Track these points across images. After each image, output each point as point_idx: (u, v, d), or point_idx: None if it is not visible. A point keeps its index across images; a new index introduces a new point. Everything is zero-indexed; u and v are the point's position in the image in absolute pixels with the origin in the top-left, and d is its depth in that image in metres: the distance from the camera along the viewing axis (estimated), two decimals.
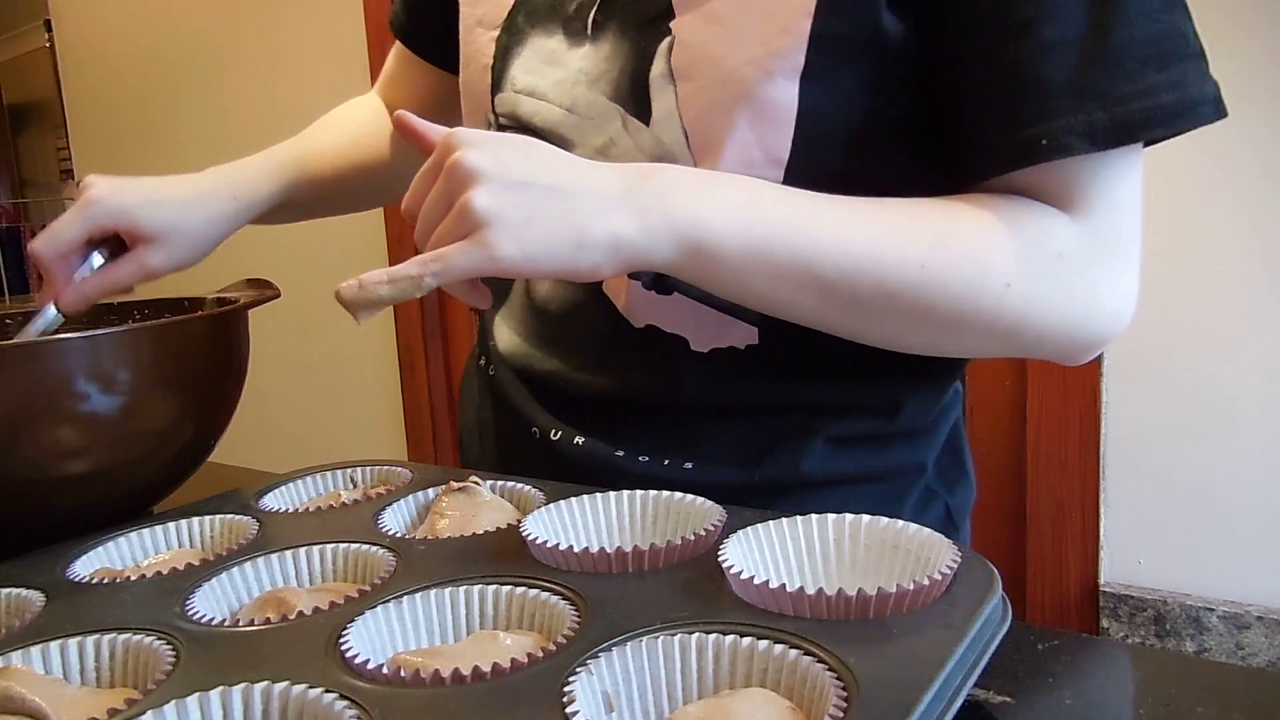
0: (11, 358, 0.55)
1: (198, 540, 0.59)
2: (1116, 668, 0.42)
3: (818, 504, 0.54)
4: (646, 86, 0.55)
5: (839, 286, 0.48)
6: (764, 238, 0.48)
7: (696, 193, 0.48)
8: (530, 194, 0.45)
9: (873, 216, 0.49)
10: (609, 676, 0.36)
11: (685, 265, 0.48)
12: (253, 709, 0.36)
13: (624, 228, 0.46)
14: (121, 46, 2.97)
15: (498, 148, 0.47)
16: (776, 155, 0.52)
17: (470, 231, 0.45)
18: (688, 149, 0.54)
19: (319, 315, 2.59)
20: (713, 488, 0.54)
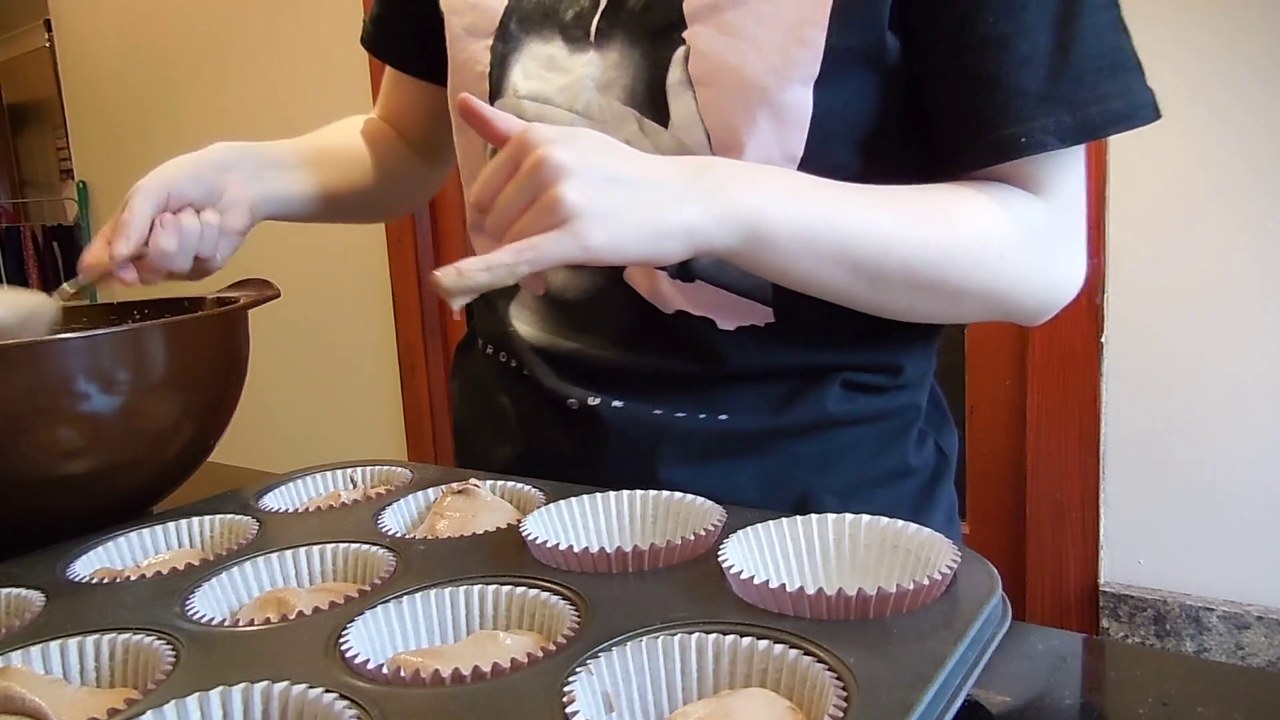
0: (11, 358, 0.55)
1: (198, 540, 0.59)
2: (1116, 668, 0.42)
3: (836, 443, 0.64)
4: (663, 92, 0.59)
5: (870, 265, 0.54)
6: (809, 223, 0.53)
7: (752, 183, 0.53)
8: (615, 187, 0.49)
9: (893, 202, 0.55)
10: (609, 676, 0.36)
11: (743, 249, 0.53)
12: (253, 709, 0.36)
13: (696, 217, 0.50)
14: (121, 46, 2.97)
15: (580, 144, 0.50)
16: (792, 153, 0.57)
17: (559, 223, 0.48)
18: (709, 149, 0.58)
19: (319, 315, 2.59)
20: (745, 434, 0.63)
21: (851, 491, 0.64)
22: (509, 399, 0.71)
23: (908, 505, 0.67)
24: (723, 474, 0.63)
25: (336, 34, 2.40)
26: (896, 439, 0.67)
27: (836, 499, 0.63)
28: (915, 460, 0.67)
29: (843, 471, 0.65)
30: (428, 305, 2.42)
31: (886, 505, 0.63)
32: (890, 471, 0.67)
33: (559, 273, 0.66)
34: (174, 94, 2.85)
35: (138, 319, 0.77)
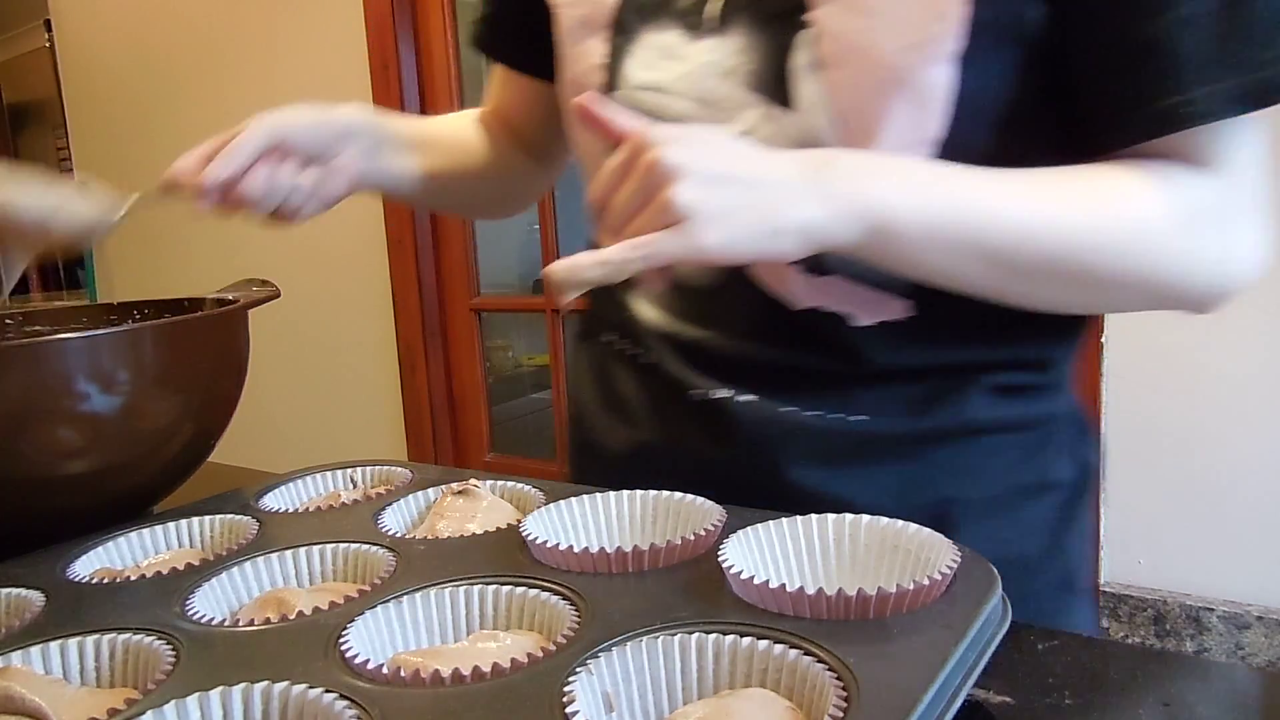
0: (11, 358, 0.55)
1: (198, 540, 0.59)
2: (1116, 668, 0.42)
3: (979, 451, 0.61)
4: (787, 76, 0.57)
5: (1007, 255, 0.52)
6: (939, 214, 0.51)
7: (876, 175, 0.51)
8: (727, 187, 0.48)
9: (1032, 187, 0.53)
10: (609, 676, 0.36)
11: (868, 245, 0.51)
12: (253, 709, 0.36)
13: (813, 214, 0.49)
14: (121, 46, 2.97)
15: (692, 144, 0.49)
16: (928, 136, 0.54)
17: (673, 223, 0.48)
18: (837, 134, 0.56)
19: (319, 315, 2.59)
20: (882, 437, 0.60)
21: (993, 505, 0.61)
22: (630, 387, 0.69)
23: (1050, 522, 0.63)
24: (855, 477, 0.60)
25: (336, 34, 2.40)
26: (1039, 450, 0.63)
27: (977, 511, 0.60)
28: (1057, 474, 0.64)
29: (985, 482, 0.61)
30: (427, 305, 2.42)
31: (1029, 521, 0.62)
32: (1033, 484, 0.63)
33: None
34: (174, 94, 2.85)
35: (138, 319, 0.77)
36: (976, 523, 0.60)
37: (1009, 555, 0.58)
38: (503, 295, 2.58)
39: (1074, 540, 0.65)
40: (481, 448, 2.46)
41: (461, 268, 2.40)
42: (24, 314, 0.78)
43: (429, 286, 2.42)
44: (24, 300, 4.41)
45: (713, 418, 0.63)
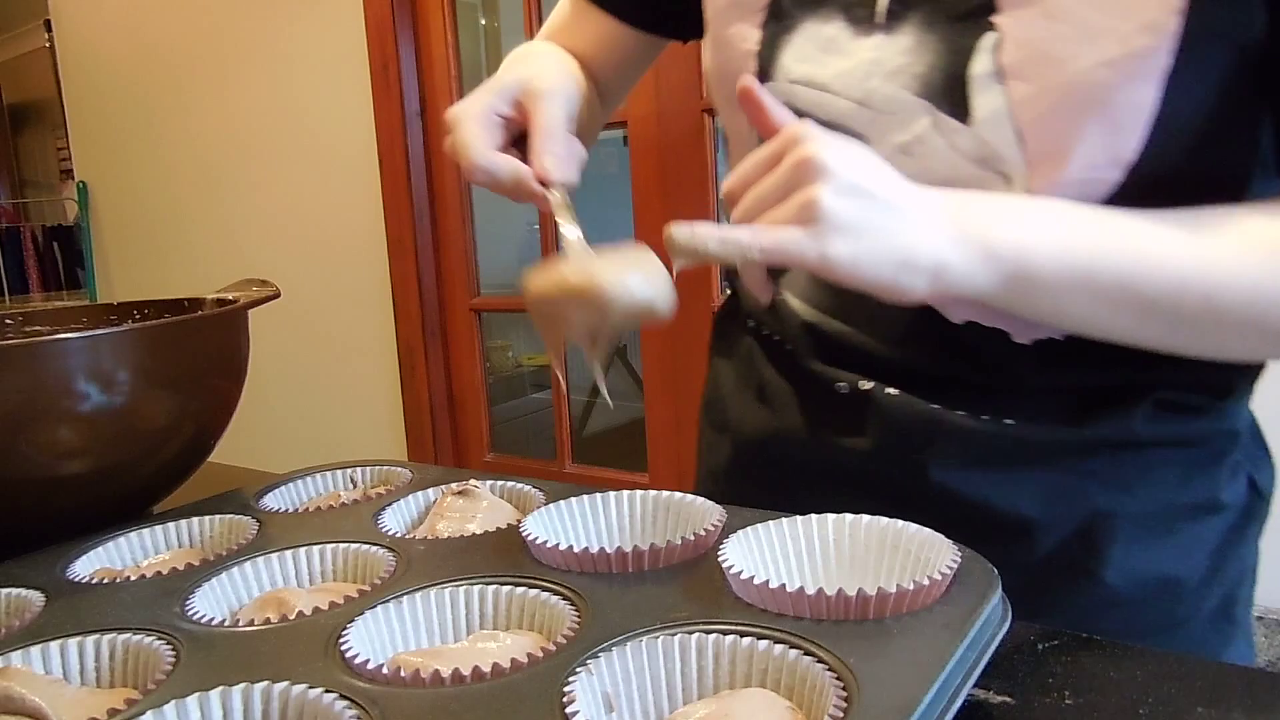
0: (11, 358, 0.55)
1: (198, 540, 0.59)
2: (1116, 668, 0.42)
3: (1139, 464, 0.56)
4: (964, 84, 0.52)
5: (1163, 306, 0.48)
6: (1085, 261, 0.48)
7: (1016, 220, 0.48)
8: (872, 204, 0.46)
9: (1196, 230, 0.48)
10: (609, 676, 0.36)
11: (1002, 293, 0.48)
12: (253, 709, 0.36)
13: (948, 253, 0.47)
14: (121, 46, 2.97)
15: (847, 152, 0.47)
16: (1123, 158, 0.50)
17: (806, 224, 0.46)
18: (1019, 152, 0.51)
19: (319, 315, 2.59)
20: (1033, 442, 0.56)
21: (1150, 521, 0.57)
22: (770, 373, 0.66)
23: (1213, 545, 0.58)
24: (1002, 481, 0.56)
25: (336, 34, 2.40)
26: (1208, 467, 0.58)
27: (1132, 527, 0.56)
28: (1226, 495, 0.59)
29: (1143, 497, 0.57)
30: (427, 305, 2.42)
31: (1189, 542, 0.57)
32: (1197, 504, 0.58)
33: None
34: (174, 94, 2.85)
35: (138, 319, 0.77)
36: (1129, 541, 0.56)
37: (1163, 577, 0.56)
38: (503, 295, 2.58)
39: (1238, 566, 0.60)
40: (481, 448, 2.46)
41: (461, 268, 2.40)
42: (24, 314, 0.78)
43: (429, 286, 2.42)
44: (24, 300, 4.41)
45: (855, 410, 0.60)
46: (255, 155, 2.67)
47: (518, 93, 0.60)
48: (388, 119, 2.36)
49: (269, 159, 2.64)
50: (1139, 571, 0.56)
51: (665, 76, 1.95)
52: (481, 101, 0.59)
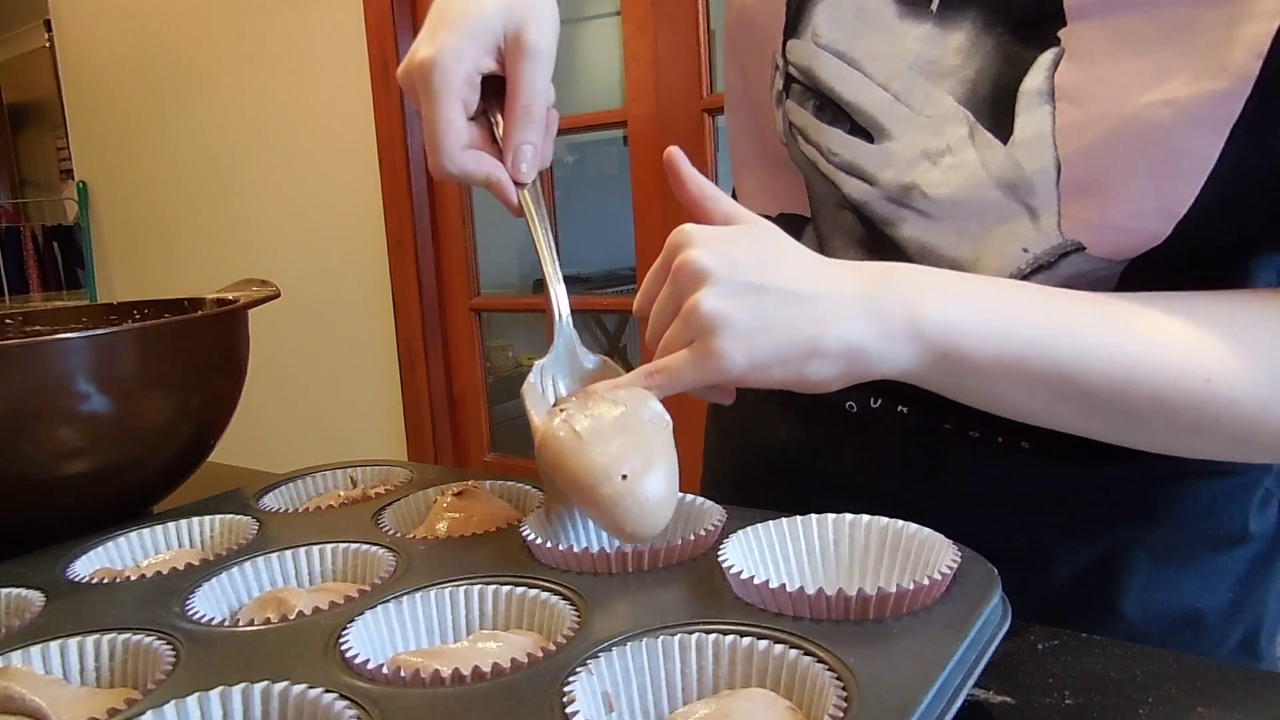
0: (11, 358, 0.55)
1: (198, 540, 0.59)
2: (1116, 668, 0.42)
3: (1165, 493, 0.53)
4: (1013, 99, 0.47)
5: (1107, 398, 0.44)
6: (1021, 345, 0.44)
7: (945, 295, 0.45)
8: (762, 297, 0.43)
9: (1152, 321, 0.44)
10: (609, 676, 0.36)
11: (928, 373, 0.45)
12: (252, 709, 0.36)
13: (861, 335, 0.43)
14: (121, 46, 2.97)
15: (729, 246, 0.44)
16: (1173, 209, 0.44)
17: (696, 336, 0.43)
18: (1055, 183, 0.46)
19: (319, 315, 2.59)
20: (1054, 470, 0.52)
21: (1173, 552, 0.54)
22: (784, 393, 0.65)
23: (1237, 576, 0.55)
24: (1018, 508, 0.53)
25: (336, 34, 2.40)
26: (1236, 497, 0.55)
27: (1152, 559, 0.53)
28: (1255, 525, 0.55)
29: (1165, 529, 0.54)
30: (427, 305, 2.42)
31: (1212, 573, 0.55)
32: (1223, 535, 0.55)
33: (849, 256, 0.55)
34: (174, 94, 2.85)
35: (138, 319, 0.77)
36: (1149, 572, 0.54)
37: (1184, 610, 0.54)
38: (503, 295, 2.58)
39: (1263, 598, 0.57)
40: (481, 448, 2.46)
41: (461, 268, 2.40)
42: (24, 314, 0.78)
43: (429, 286, 2.42)
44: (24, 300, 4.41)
45: (866, 427, 0.57)
46: (255, 155, 2.67)
47: (505, 40, 0.53)
48: (388, 119, 2.36)
49: (269, 158, 2.64)
50: (1159, 604, 0.54)
51: (665, 76, 1.95)
52: (463, 56, 0.52)
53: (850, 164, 0.53)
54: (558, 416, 0.47)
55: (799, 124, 0.55)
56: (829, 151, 0.54)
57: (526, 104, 0.53)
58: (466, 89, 0.52)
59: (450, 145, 0.52)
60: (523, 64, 0.52)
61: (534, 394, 0.52)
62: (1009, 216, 0.48)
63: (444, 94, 0.51)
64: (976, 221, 0.49)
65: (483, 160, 0.53)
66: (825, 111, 0.53)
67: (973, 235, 0.50)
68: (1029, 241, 0.48)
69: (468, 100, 0.53)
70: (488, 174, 0.53)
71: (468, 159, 0.53)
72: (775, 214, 0.62)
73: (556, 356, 0.55)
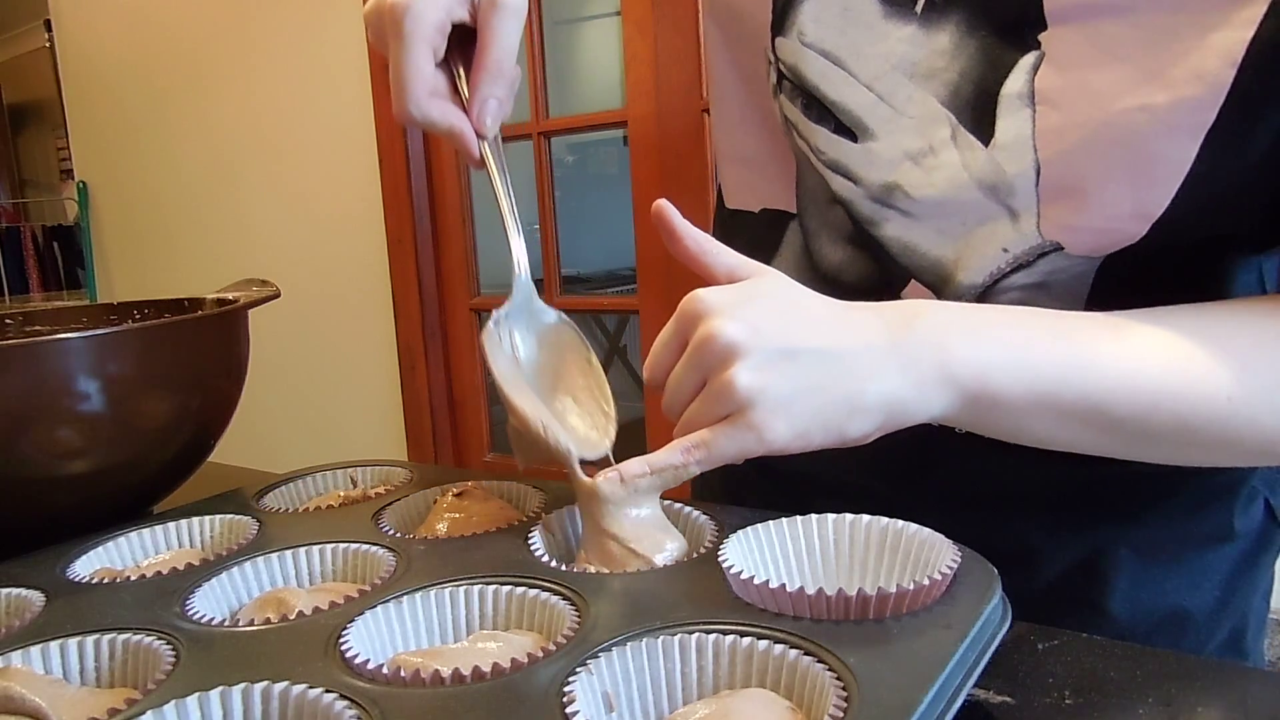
0: (11, 358, 0.55)
1: (198, 540, 0.59)
2: (1116, 668, 0.42)
3: (1149, 492, 0.53)
4: (994, 102, 0.47)
5: (1131, 424, 0.45)
6: (1049, 380, 0.44)
7: (972, 337, 0.45)
8: (797, 364, 0.42)
9: (1169, 343, 0.45)
10: (609, 676, 0.36)
11: (961, 415, 0.45)
12: (253, 709, 0.36)
13: (897, 387, 0.43)
14: (121, 46, 2.97)
15: (750, 312, 0.43)
16: (1149, 212, 0.45)
17: (732, 412, 0.43)
18: (1034, 186, 0.47)
19: (319, 315, 2.59)
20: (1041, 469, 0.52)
21: (1156, 551, 0.54)
22: None
23: (1223, 575, 0.56)
24: (1004, 509, 0.54)
25: (336, 34, 2.40)
26: (1222, 496, 0.56)
27: (1136, 558, 0.54)
28: (1241, 523, 0.56)
29: (1150, 528, 0.54)
30: (428, 305, 2.42)
31: (1198, 572, 0.55)
32: (1208, 534, 0.55)
33: (836, 251, 0.57)
34: (174, 94, 2.85)
35: (138, 319, 0.77)
36: (1136, 571, 0.54)
37: (1170, 609, 0.54)
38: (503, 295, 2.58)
39: (1250, 596, 0.58)
40: (481, 448, 2.46)
41: (461, 268, 2.40)
42: (24, 314, 0.78)
43: (429, 286, 2.42)
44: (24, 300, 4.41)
45: None
46: (256, 155, 2.67)
47: None
48: (388, 119, 2.36)
49: (269, 159, 2.64)
50: (1145, 603, 0.54)
51: (665, 76, 1.95)
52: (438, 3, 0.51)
53: (835, 162, 0.53)
54: None
55: (792, 119, 0.55)
56: (816, 149, 0.54)
57: (497, 59, 0.52)
58: (437, 36, 0.51)
59: (418, 91, 0.51)
60: (495, 17, 0.51)
61: (492, 341, 0.54)
62: (990, 217, 0.49)
63: (415, 38, 0.50)
64: (958, 222, 0.50)
65: (448, 110, 0.52)
66: (812, 109, 0.54)
67: (954, 235, 0.50)
68: (1009, 242, 0.49)
69: (437, 47, 0.52)
70: (452, 125, 0.52)
71: (433, 107, 0.52)
72: (757, 209, 0.62)
73: (514, 308, 0.55)
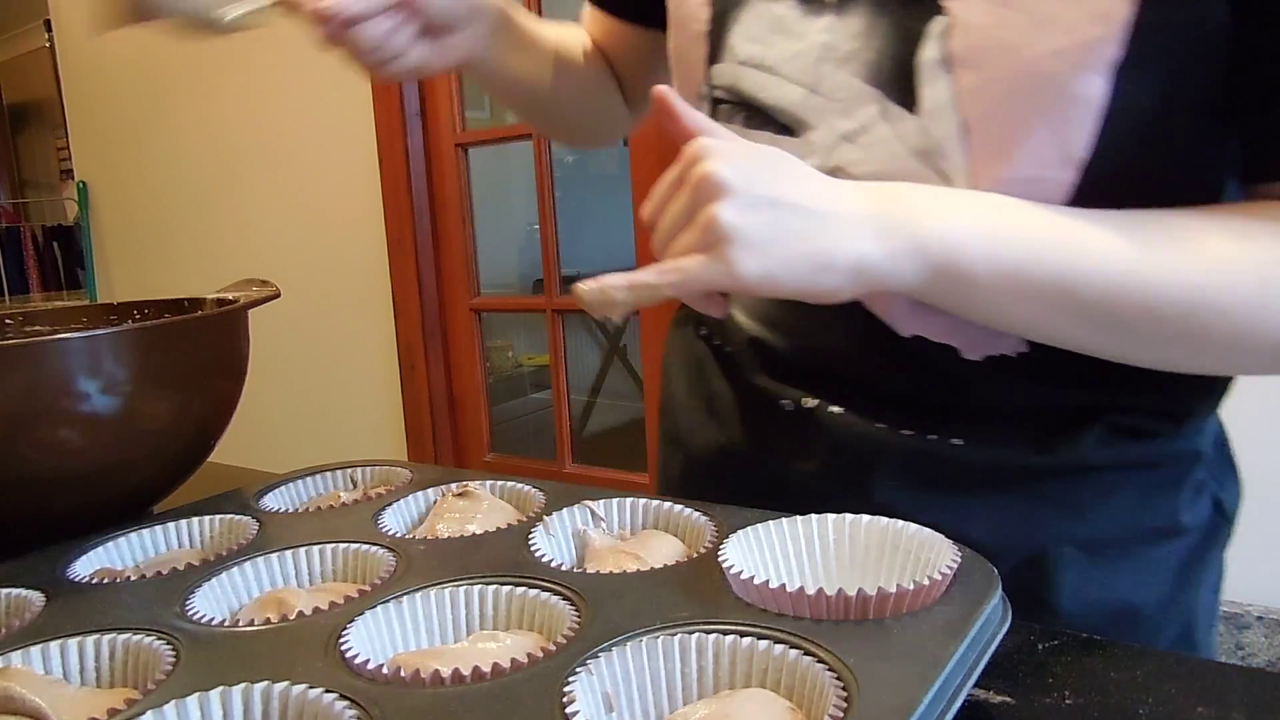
0: (11, 358, 0.55)
1: (198, 540, 0.59)
2: (1116, 668, 0.42)
3: (1094, 487, 0.55)
4: (911, 71, 0.50)
5: (1100, 309, 0.46)
6: (1019, 259, 0.46)
7: (947, 213, 0.47)
8: (777, 212, 0.45)
9: (1140, 233, 0.46)
10: (609, 676, 0.36)
11: (932, 289, 0.47)
12: (253, 709, 0.36)
13: (869, 251, 0.45)
14: (121, 46, 2.97)
15: (746, 161, 0.46)
16: (1074, 155, 0.47)
17: (712, 246, 0.45)
18: (963, 147, 0.49)
19: (319, 315, 2.59)
20: (983, 466, 0.54)
21: (1103, 547, 0.54)
22: (720, 386, 0.65)
23: (1172, 569, 0.56)
24: (949, 507, 0.54)
25: None
26: (1167, 490, 0.56)
27: (1083, 554, 0.54)
28: (1187, 517, 0.56)
29: (1095, 523, 0.55)
30: (427, 305, 2.42)
31: (1147, 567, 0.55)
32: (1155, 529, 0.56)
33: None
34: (174, 94, 2.85)
35: (138, 319, 0.77)
36: (1083, 567, 0.54)
37: (1120, 604, 0.55)
38: (503, 295, 2.58)
39: (1199, 590, 0.58)
40: (481, 448, 2.46)
41: (461, 268, 2.40)
42: (24, 314, 0.78)
43: (429, 286, 2.42)
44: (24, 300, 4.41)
45: (801, 428, 0.59)
46: (256, 155, 2.67)
47: None
48: (388, 119, 2.36)
49: (269, 159, 2.64)
50: (1094, 599, 0.54)
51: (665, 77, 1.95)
52: None
53: None
54: None
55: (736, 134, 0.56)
56: None
57: None
58: None
59: None
60: None
61: None
62: (926, 182, 0.50)
63: None
64: None
65: None
66: (753, 119, 0.57)
67: None
68: None
69: None
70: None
71: None
72: None
73: None
